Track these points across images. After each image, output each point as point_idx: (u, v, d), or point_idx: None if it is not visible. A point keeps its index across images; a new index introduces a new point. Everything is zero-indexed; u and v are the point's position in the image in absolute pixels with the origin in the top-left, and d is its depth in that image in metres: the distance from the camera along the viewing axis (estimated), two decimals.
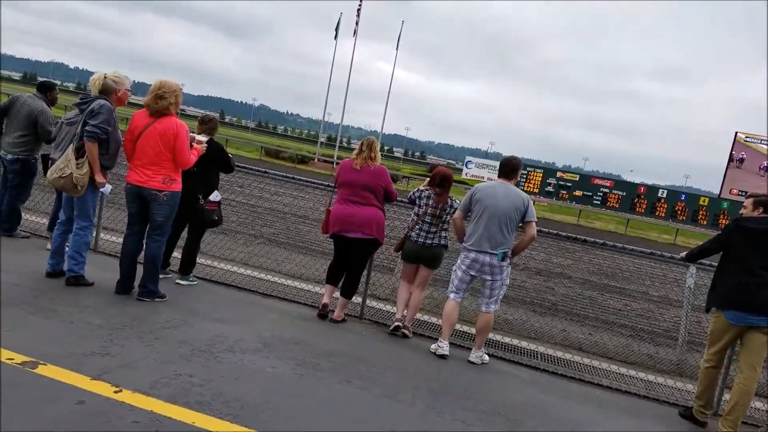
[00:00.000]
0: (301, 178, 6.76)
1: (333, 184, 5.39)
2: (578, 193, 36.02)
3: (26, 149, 5.93)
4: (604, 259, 11.04)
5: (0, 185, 6.17)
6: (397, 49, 44.92)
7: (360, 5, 41.58)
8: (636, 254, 5.76)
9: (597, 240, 5.88)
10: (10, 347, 3.42)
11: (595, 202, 35.83)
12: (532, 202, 4.87)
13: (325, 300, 5.23)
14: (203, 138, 5.28)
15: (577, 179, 37.16)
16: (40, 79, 6.97)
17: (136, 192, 4.70)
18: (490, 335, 5.26)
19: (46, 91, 6.18)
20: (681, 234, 30.53)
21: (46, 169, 5.77)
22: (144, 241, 4.89)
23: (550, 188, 36.96)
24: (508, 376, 4.71)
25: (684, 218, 32.48)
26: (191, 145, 4.90)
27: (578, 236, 5.79)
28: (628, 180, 44.99)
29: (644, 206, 34.32)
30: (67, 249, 4.96)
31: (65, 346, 3.61)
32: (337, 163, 36.83)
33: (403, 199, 5.41)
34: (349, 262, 5.22)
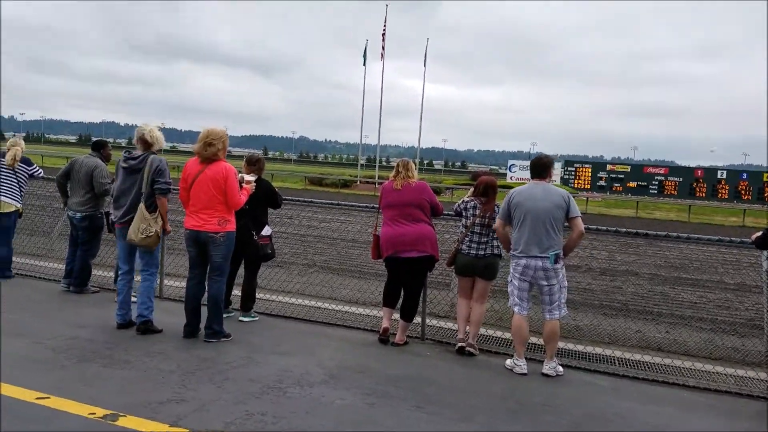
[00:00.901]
0: (346, 203, 6.79)
1: (377, 206, 5.36)
2: (632, 184, 34.94)
3: (91, 206, 6.22)
4: (670, 251, 10.58)
5: (69, 244, 6.47)
6: (425, 65, 45.38)
7: (384, 29, 42.25)
8: (703, 242, 5.47)
9: (659, 232, 5.61)
10: (91, 402, 3.53)
11: (651, 191, 34.67)
12: (572, 197, 4.70)
13: (385, 324, 5.18)
14: (251, 178, 5.38)
15: (629, 170, 36.10)
16: (94, 138, 7.35)
17: (194, 236, 4.84)
18: (561, 344, 5.07)
19: (100, 148, 6.51)
20: (749, 214, 28.97)
21: (108, 226, 6.06)
22: (205, 284, 5.00)
23: (602, 182, 35.99)
24: (586, 386, 4.51)
25: (749, 197, 30.99)
26: (241, 186, 5.01)
27: (639, 230, 5.55)
28: (683, 165, 43.38)
29: (704, 190, 32.94)
30: (134, 298, 5.14)
31: (141, 395, 3.69)
32: (380, 183, 37.07)
33: (450, 212, 5.34)
34: (406, 283, 5.16)
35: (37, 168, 7.02)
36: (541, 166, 4.77)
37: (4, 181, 6.59)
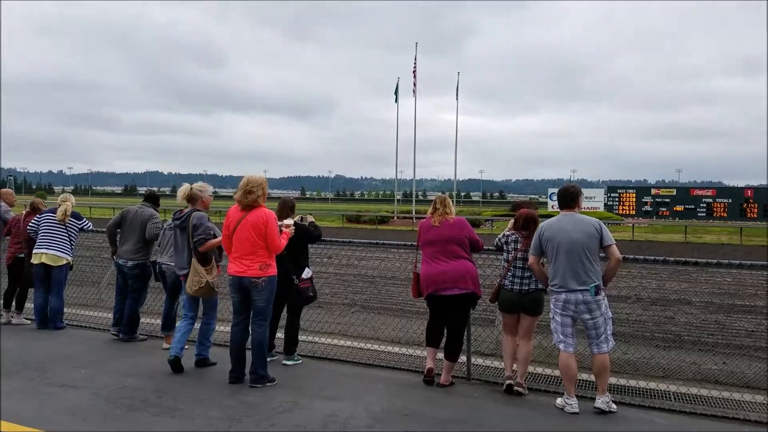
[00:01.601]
0: (384, 241, 6.79)
1: (416, 244, 5.35)
2: (679, 207, 34.04)
3: (143, 254, 6.49)
4: (723, 277, 10.16)
5: (116, 293, 6.67)
6: (457, 98, 46.21)
7: (415, 67, 43.24)
8: (756, 268, 5.24)
9: (710, 260, 5.42)
10: None
11: (699, 214, 33.67)
12: (604, 224, 4.60)
13: (429, 364, 5.11)
14: (290, 221, 5.48)
15: (675, 193, 35.26)
16: (140, 189, 7.71)
17: (237, 282, 4.96)
18: (613, 380, 4.89)
19: (156, 200, 6.83)
20: None
21: (155, 274, 6.24)
22: (249, 329, 5.07)
23: (647, 207, 35.21)
24: (642, 424, 4.32)
25: None
26: (280, 231, 5.11)
27: (688, 259, 5.36)
28: (731, 185, 42.10)
29: (755, 210, 31.74)
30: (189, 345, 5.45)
31: None
32: (417, 218, 37.15)
33: (491, 247, 5.27)
34: (449, 321, 5.09)
35: (87, 222, 7.30)
36: (569, 197, 4.70)
37: (56, 235, 6.87)
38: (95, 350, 6.05)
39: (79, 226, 7.12)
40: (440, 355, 5.17)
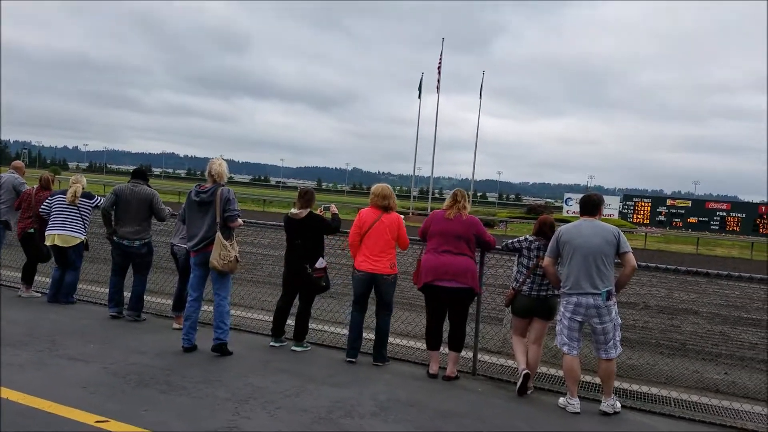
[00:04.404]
0: None
1: (423, 232, 5.37)
2: (693, 219, 33.86)
3: (147, 233, 6.53)
4: (732, 290, 10.14)
5: (115, 273, 6.57)
6: (480, 97, 45.67)
7: (440, 62, 42.81)
8: (765, 282, 5.26)
9: (721, 271, 5.43)
10: (148, 426, 3.67)
11: (712, 227, 33.48)
12: (622, 232, 4.65)
13: (433, 370, 5.19)
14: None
15: (690, 205, 35.08)
16: (156, 170, 7.72)
17: (369, 277, 5.42)
18: (616, 383, 4.93)
19: (144, 177, 6.72)
20: None
21: (173, 256, 6.30)
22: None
23: (661, 217, 35.06)
24: (642, 427, 4.37)
25: None
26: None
27: (699, 269, 5.38)
28: (746, 200, 41.83)
29: None
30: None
31: (196, 422, 3.80)
32: None
33: (500, 246, 5.30)
34: (449, 314, 5.17)
35: (99, 199, 7.19)
36: (591, 204, 4.76)
37: (66, 216, 6.87)
38: (105, 326, 6.11)
39: (92, 205, 7.06)
40: (445, 350, 5.25)
